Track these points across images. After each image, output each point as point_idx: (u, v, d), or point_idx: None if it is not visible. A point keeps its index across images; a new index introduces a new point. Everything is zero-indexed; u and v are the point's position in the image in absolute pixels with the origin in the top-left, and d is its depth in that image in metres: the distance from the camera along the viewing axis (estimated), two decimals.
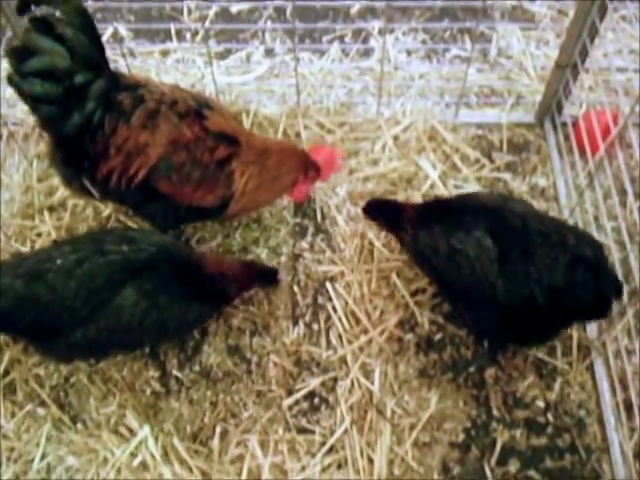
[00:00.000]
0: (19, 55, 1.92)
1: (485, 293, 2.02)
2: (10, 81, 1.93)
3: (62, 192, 2.67)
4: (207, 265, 2.17)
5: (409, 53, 3.21)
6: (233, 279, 2.21)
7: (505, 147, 2.86)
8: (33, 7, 1.97)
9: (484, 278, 1.99)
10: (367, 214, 2.46)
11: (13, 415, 2.26)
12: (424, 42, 3.26)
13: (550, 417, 2.27)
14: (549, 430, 2.25)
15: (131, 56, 3.12)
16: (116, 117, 2.06)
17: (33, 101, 1.97)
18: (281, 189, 2.42)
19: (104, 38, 2.08)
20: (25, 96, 1.95)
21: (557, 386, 2.31)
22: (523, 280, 1.94)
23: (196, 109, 2.16)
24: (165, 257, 2.07)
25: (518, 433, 2.24)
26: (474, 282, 2.03)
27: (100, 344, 2.03)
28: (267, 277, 2.38)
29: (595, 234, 2.39)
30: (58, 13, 1.93)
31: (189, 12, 3.33)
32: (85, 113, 2.01)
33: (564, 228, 2.04)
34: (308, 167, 2.40)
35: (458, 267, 2.04)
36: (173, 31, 3.24)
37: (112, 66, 2.11)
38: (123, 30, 3.25)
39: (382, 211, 2.42)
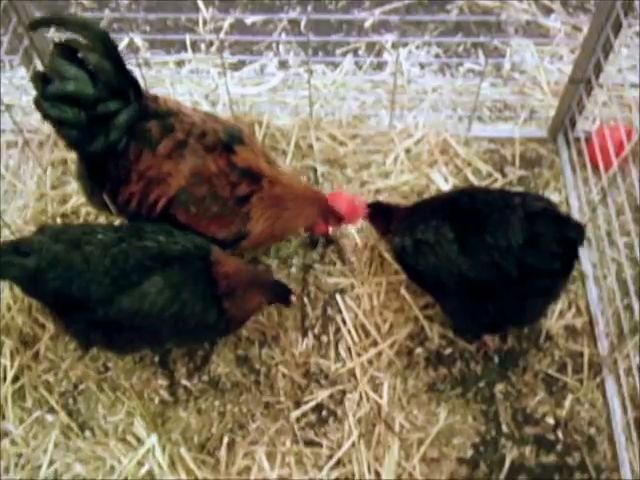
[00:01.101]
0: (45, 79, 1.93)
1: (454, 275, 2.07)
2: (37, 105, 1.94)
3: (75, 200, 2.69)
4: (220, 264, 2.14)
5: (422, 67, 3.22)
6: (239, 284, 2.14)
7: (517, 162, 2.86)
8: (56, 30, 1.97)
9: (447, 259, 2.07)
10: (368, 215, 2.47)
11: (22, 421, 2.27)
12: (437, 56, 3.26)
13: (560, 434, 2.25)
14: (559, 447, 2.23)
15: (146, 66, 3.15)
16: (142, 144, 2.06)
17: (58, 125, 1.98)
18: (294, 229, 2.47)
19: (119, 48, 2.07)
20: (50, 120, 1.97)
21: (567, 403, 2.29)
22: (482, 249, 1.99)
23: (225, 142, 2.15)
24: (198, 254, 2.10)
25: (527, 450, 2.22)
26: (441, 267, 2.10)
27: (119, 330, 2.06)
28: (278, 293, 2.27)
29: (608, 250, 2.38)
30: (81, 39, 1.93)
31: (204, 23, 3.36)
32: (109, 141, 2.02)
33: (508, 193, 2.13)
34: (327, 215, 2.41)
35: (425, 257, 2.14)
36: (188, 42, 3.26)
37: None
38: (139, 40, 3.27)
39: (378, 215, 2.45)
